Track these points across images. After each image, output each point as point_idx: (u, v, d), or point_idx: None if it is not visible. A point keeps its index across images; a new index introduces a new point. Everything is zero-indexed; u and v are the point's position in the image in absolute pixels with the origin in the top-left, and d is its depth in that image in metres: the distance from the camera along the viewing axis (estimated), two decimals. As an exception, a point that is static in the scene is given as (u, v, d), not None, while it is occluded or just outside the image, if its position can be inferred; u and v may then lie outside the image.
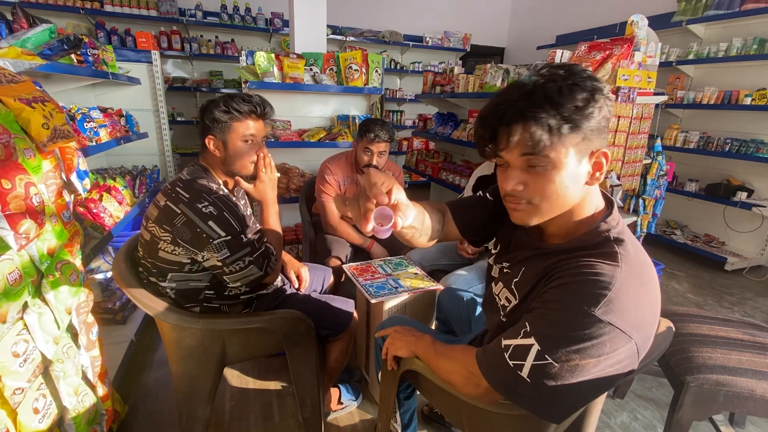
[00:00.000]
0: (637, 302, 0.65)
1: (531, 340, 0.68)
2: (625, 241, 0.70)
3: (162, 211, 1.14)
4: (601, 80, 0.69)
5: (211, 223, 1.12)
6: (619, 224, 0.73)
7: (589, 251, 0.70)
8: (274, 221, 1.39)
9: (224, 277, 1.19)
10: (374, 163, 2.05)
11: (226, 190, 1.27)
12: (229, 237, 1.14)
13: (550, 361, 0.65)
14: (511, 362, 0.70)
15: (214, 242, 1.12)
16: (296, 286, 1.60)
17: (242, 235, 1.18)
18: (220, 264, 1.16)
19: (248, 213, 1.30)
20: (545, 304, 0.69)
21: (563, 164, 0.66)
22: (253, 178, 1.33)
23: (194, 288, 1.24)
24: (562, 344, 0.64)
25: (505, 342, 0.72)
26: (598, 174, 0.70)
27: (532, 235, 0.84)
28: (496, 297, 0.89)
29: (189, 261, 1.18)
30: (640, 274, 0.67)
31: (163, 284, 1.22)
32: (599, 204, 0.76)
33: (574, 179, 0.68)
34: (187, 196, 1.14)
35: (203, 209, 1.12)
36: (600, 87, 0.67)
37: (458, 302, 1.43)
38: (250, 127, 1.27)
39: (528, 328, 0.69)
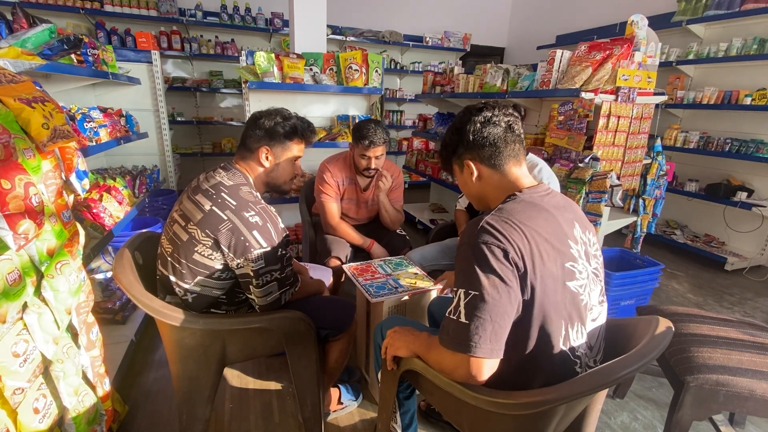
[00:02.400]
0: (502, 224, 0.84)
1: (458, 291, 0.84)
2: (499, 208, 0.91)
3: (207, 216, 1.15)
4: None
5: (255, 232, 1.15)
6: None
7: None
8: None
9: (250, 287, 1.19)
10: (372, 167, 2.05)
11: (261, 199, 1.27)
12: (269, 248, 1.17)
13: (473, 293, 0.80)
14: (453, 317, 0.83)
15: (255, 252, 1.14)
16: None
17: (279, 249, 1.20)
18: (252, 274, 1.16)
19: (283, 227, 1.29)
20: (457, 263, 0.88)
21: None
22: (283, 194, 1.38)
23: (211, 296, 1.24)
24: (474, 275, 0.81)
25: (448, 310, 0.86)
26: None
27: None
28: None
29: (221, 267, 1.19)
30: (502, 212, 0.87)
31: (185, 285, 1.20)
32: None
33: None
34: (234, 203, 1.16)
35: (250, 218, 1.15)
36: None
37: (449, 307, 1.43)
38: (301, 150, 1.36)
39: (455, 286, 0.86)
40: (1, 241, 0.90)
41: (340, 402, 1.63)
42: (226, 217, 1.14)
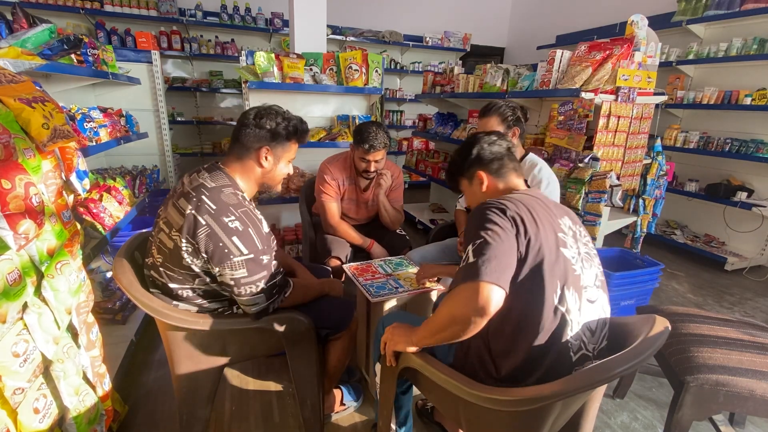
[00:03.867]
0: (500, 199, 1.01)
1: (467, 247, 0.93)
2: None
3: (186, 220, 1.09)
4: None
5: (235, 239, 1.08)
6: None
7: None
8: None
9: (234, 296, 1.17)
10: (372, 170, 2.05)
11: (247, 199, 1.22)
12: (251, 256, 1.11)
13: (478, 240, 0.91)
14: (462, 264, 0.93)
15: (235, 259, 1.09)
16: None
17: (263, 256, 1.14)
18: (232, 283, 1.11)
19: (269, 231, 1.25)
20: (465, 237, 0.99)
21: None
22: (272, 193, 1.36)
23: (217, 290, 1.22)
24: (478, 228, 0.93)
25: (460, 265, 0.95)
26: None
27: None
28: None
29: (204, 273, 1.15)
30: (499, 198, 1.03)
31: (192, 286, 1.18)
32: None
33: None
34: (214, 207, 1.09)
35: (229, 223, 1.08)
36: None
37: None
38: (296, 150, 1.33)
39: (465, 246, 0.96)
40: (1, 240, 0.90)
41: (342, 403, 1.63)
42: (204, 222, 1.07)
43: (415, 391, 1.39)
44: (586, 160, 2.22)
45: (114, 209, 2.05)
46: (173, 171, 3.71)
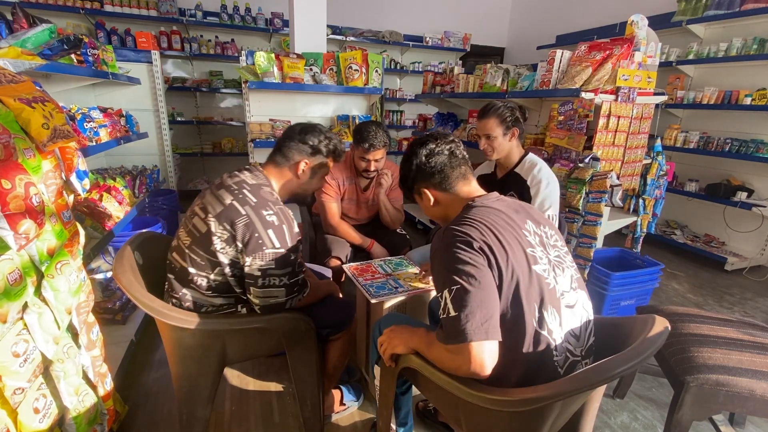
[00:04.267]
0: (462, 224, 0.93)
1: (443, 293, 0.88)
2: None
3: (226, 209, 1.15)
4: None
5: (270, 231, 1.15)
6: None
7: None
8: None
9: (251, 288, 1.19)
10: (372, 169, 2.04)
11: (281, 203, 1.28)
12: (282, 250, 1.17)
13: (455, 287, 0.85)
14: (444, 315, 0.87)
15: (267, 251, 1.15)
16: None
17: (291, 254, 1.20)
18: (259, 274, 1.16)
19: (297, 231, 1.29)
20: (433, 270, 0.97)
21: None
22: (302, 203, 1.41)
23: (234, 284, 1.23)
24: (450, 271, 0.87)
25: (439, 313, 0.90)
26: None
27: None
28: None
29: (229, 263, 1.18)
30: (460, 217, 0.97)
31: (209, 275, 1.20)
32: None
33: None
34: (255, 200, 1.17)
35: (267, 217, 1.16)
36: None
37: None
38: (331, 167, 1.44)
39: (437, 291, 0.92)
40: (2, 240, 0.90)
41: (342, 403, 1.63)
42: (244, 212, 1.15)
43: (416, 391, 1.39)
44: (587, 160, 2.22)
45: (114, 209, 2.05)
46: (173, 171, 3.71)
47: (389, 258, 1.94)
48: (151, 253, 1.41)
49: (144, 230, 1.73)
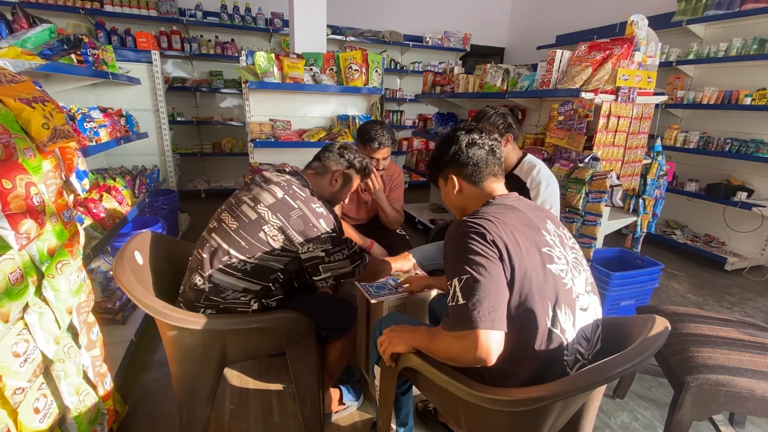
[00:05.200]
0: (478, 218, 0.93)
1: (452, 281, 0.89)
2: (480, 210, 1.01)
3: (279, 201, 1.27)
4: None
5: (321, 221, 1.29)
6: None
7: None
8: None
9: (319, 266, 1.31)
10: (380, 168, 2.04)
11: None
12: (334, 234, 1.31)
13: (464, 276, 0.86)
14: (452, 303, 0.88)
15: (322, 236, 1.28)
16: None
17: (341, 234, 1.35)
18: (323, 254, 1.29)
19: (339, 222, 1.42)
20: (445, 260, 0.97)
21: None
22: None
23: (270, 268, 1.30)
24: (461, 261, 0.88)
25: (447, 301, 0.91)
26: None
27: None
28: None
29: (279, 248, 1.27)
30: (477, 212, 0.98)
31: (243, 257, 1.26)
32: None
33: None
34: (304, 195, 1.31)
35: (317, 208, 1.30)
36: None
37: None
38: (358, 183, 1.60)
39: (447, 279, 0.92)
40: (3, 240, 0.90)
41: (342, 403, 1.63)
42: (296, 206, 1.27)
43: (416, 391, 1.39)
44: (587, 160, 2.22)
45: (114, 209, 2.05)
46: (173, 171, 3.71)
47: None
48: (151, 253, 1.41)
49: (144, 230, 1.73)
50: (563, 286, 0.92)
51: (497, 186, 1.10)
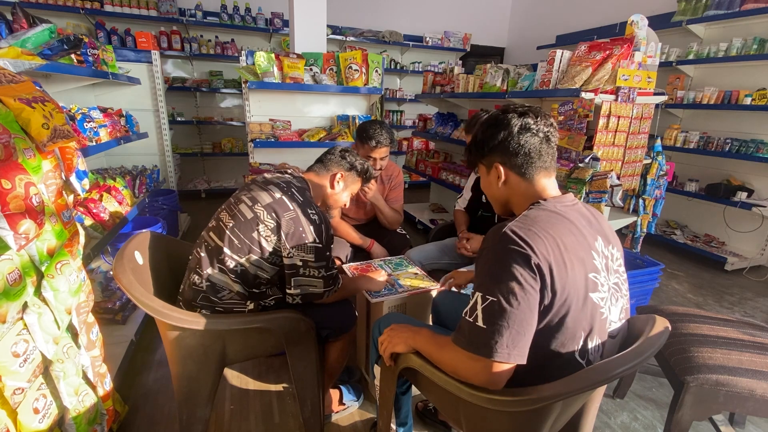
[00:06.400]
0: (526, 231, 0.82)
1: (476, 294, 0.82)
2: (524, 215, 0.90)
3: (276, 202, 1.27)
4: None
5: (312, 228, 1.27)
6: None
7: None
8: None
9: (292, 278, 1.28)
10: (377, 167, 2.04)
11: None
12: (320, 245, 1.29)
13: (491, 299, 0.79)
14: (469, 319, 0.82)
15: (308, 244, 1.27)
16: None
17: (327, 250, 1.32)
18: (300, 264, 1.26)
19: (332, 234, 1.40)
20: (477, 267, 0.88)
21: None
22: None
23: (258, 276, 1.30)
24: (494, 280, 0.80)
25: (464, 311, 0.85)
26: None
27: None
28: None
29: (271, 251, 1.27)
30: (526, 220, 0.86)
31: (239, 258, 1.26)
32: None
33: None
34: (301, 199, 1.31)
35: (311, 215, 1.29)
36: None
37: (454, 302, 1.43)
38: (359, 187, 1.61)
39: (473, 288, 0.85)
40: (1, 240, 0.90)
41: (342, 403, 1.63)
42: (292, 207, 1.27)
43: (416, 391, 1.39)
44: (587, 160, 2.22)
45: (114, 209, 2.05)
46: (173, 171, 3.71)
47: (389, 258, 1.94)
48: (151, 253, 1.41)
49: (144, 230, 1.73)
50: (600, 315, 0.86)
51: (549, 182, 0.96)
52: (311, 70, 2.79)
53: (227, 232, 1.27)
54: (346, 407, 1.64)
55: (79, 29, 4.20)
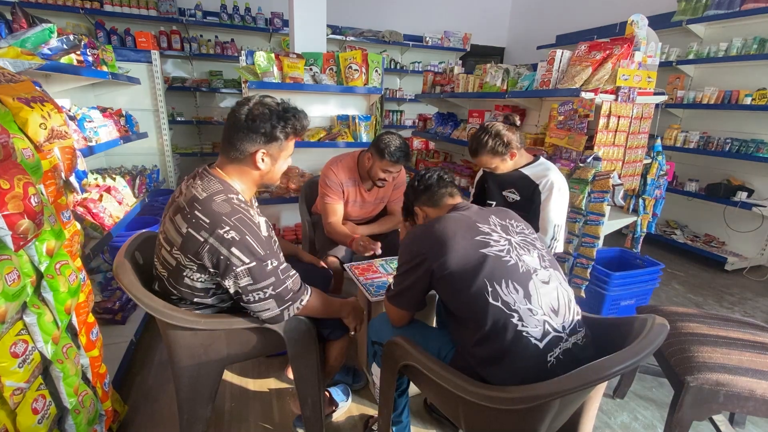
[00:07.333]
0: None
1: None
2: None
3: (185, 239, 1.08)
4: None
5: (234, 249, 1.06)
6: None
7: None
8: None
9: (243, 305, 1.17)
10: (390, 180, 2.04)
11: (243, 201, 1.16)
12: (252, 264, 1.08)
13: (398, 271, 1.21)
14: (390, 284, 1.26)
15: (238, 269, 1.07)
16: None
17: (266, 262, 1.11)
18: (242, 292, 1.11)
19: (270, 234, 1.19)
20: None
21: None
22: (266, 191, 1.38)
23: (223, 298, 1.26)
24: (401, 258, 1.20)
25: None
26: None
27: None
28: None
29: (214, 286, 1.19)
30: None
31: (197, 301, 1.21)
32: None
33: None
34: (207, 221, 1.06)
35: (225, 235, 1.05)
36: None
37: None
38: (294, 144, 1.26)
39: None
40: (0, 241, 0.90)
41: (333, 404, 1.63)
42: (202, 239, 1.06)
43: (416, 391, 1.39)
44: (589, 160, 2.22)
45: (114, 209, 2.05)
46: (173, 171, 3.71)
47: (390, 257, 1.94)
48: (151, 253, 1.41)
49: (144, 230, 1.73)
50: (505, 263, 1.04)
51: (453, 201, 1.31)
52: (311, 69, 2.79)
53: (166, 283, 1.19)
54: (334, 409, 1.63)
55: (79, 29, 4.20)
